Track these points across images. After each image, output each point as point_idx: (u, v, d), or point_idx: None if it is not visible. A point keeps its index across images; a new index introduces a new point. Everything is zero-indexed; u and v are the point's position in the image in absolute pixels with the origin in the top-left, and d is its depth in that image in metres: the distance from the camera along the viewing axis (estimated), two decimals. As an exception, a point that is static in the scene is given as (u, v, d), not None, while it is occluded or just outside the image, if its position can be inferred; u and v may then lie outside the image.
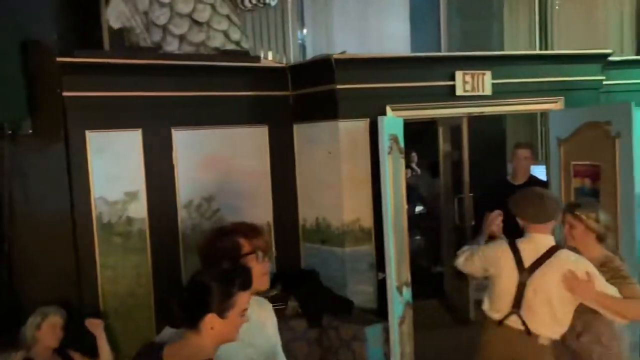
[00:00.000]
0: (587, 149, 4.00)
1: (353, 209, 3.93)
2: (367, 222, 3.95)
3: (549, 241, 2.66)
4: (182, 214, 3.74)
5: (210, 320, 1.52)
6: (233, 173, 3.92)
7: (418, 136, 6.30)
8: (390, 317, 3.44)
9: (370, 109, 3.89)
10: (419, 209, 8.65)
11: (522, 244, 2.68)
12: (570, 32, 6.07)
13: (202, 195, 3.79)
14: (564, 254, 2.60)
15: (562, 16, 6.09)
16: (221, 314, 1.53)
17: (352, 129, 3.92)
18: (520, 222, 2.74)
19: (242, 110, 3.99)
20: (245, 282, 1.57)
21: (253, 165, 4.00)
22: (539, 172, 4.55)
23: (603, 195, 3.88)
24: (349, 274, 3.97)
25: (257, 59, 4.09)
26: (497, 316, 2.70)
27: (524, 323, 2.61)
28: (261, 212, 4.01)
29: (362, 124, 3.93)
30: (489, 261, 2.75)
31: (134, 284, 3.58)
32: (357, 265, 3.98)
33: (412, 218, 8.52)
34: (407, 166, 8.46)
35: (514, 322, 2.64)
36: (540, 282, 2.56)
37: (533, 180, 4.35)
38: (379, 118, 3.55)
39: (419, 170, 8.40)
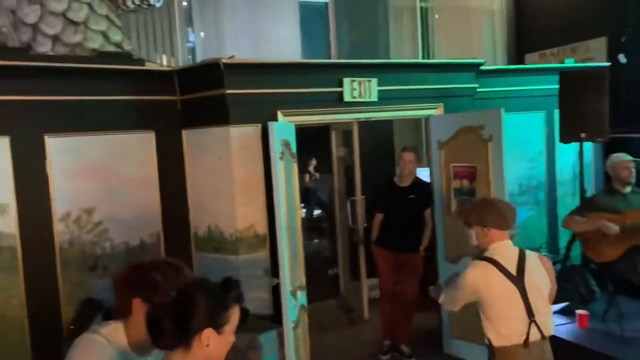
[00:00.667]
0: (464, 152, 4.29)
1: (247, 216, 3.89)
2: (262, 228, 3.93)
3: (511, 244, 2.65)
4: (58, 227, 3.46)
5: (208, 335, 1.40)
6: (117, 182, 3.71)
7: (317, 141, 6.42)
8: (284, 322, 3.44)
9: (262, 114, 3.88)
10: (317, 212, 8.83)
11: (496, 256, 2.59)
12: (449, 43, 6.51)
13: (81, 206, 3.54)
14: (527, 251, 2.68)
15: (442, 28, 6.52)
16: (218, 328, 1.42)
17: (244, 135, 3.88)
18: (481, 233, 2.65)
19: (125, 115, 3.79)
20: (239, 295, 1.48)
21: (139, 173, 3.82)
22: (425, 174, 4.82)
23: (479, 194, 4.19)
24: (244, 282, 3.85)
25: (140, 61, 3.91)
26: (520, 339, 2.51)
27: (539, 330, 2.55)
28: (149, 222, 3.84)
29: (254, 129, 3.90)
30: (477, 287, 2.55)
31: (4, 307, 3.25)
32: (252, 272, 3.94)
33: (312, 221, 8.71)
34: (306, 171, 8.62)
35: (534, 335, 2.53)
36: (531, 283, 2.54)
37: (418, 182, 4.60)
38: (269, 124, 3.55)
39: (317, 175, 8.57)
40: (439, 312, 4.45)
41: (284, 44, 5.36)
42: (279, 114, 4.00)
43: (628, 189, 3.95)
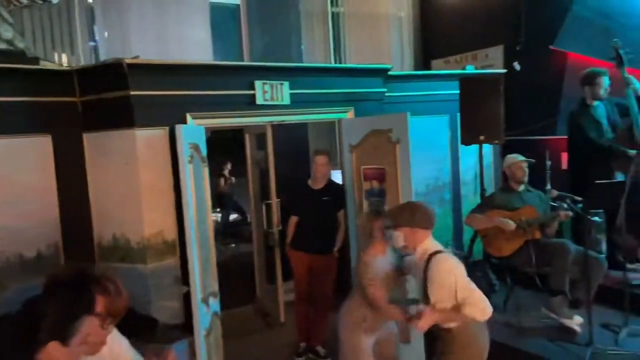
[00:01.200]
0: (374, 154, 4.41)
1: (154, 222, 3.75)
2: (171, 234, 3.81)
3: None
4: (-61, 240, 3.15)
5: (51, 349, 1.29)
6: (9, 189, 3.43)
7: (233, 144, 6.32)
8: (195, 331, 3.35)
9: (170, 117, 3.76)
10: (234, 216, 8.71)
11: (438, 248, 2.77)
12: (360, 48, 6.68)
13: (-35, 217, 3.25)
14: None
15: (353, 33, 6.68)
16: (64, 340, 1.31)
17: (151, 138, 3.74)
18: (409, 233, 2.75)
19: (17, 117, 3.52)
20: (89, 304, 1.37)
21: (34, 180, 3.56)
22: (340, 176, 4.90)
23: (388, 195, 4.32)
24: (152, 291, 3.77)
25: (35, 60, 3.65)
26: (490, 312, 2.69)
27: None
28: (47, 232, 3.59)
29: (162, 133, 3.77)
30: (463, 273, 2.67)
31: None
32: (161, 281, 3.80)
33: (228, 226, 8.58)
34: (222, 175, 8.48)
35: None
36: None
37: (331, 185, 4.66)
38: (177, 127, 3.45)
39: (233, 179, 8.46)
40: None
41: (194, 45, 5.24)
42: (188, 117, 3.90)
43: (522, 187, 4.25)
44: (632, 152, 3.98)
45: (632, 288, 3.79)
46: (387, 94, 4.96)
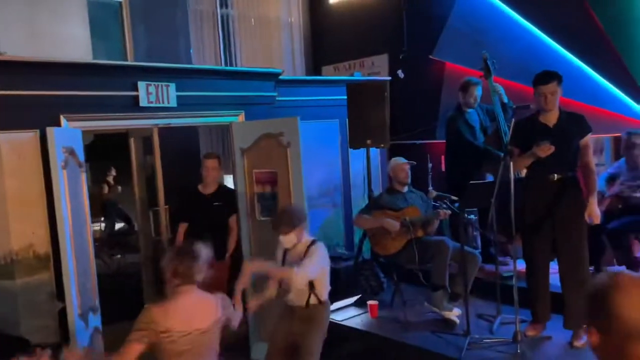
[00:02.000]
0: (265, 158, 4.40)
1: (24, 234, 3.43)
2: (43, 246, 3.50)
3: None
4: None
5: None
6: None
7: (117, 149, 5.95)
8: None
9: (41, 119, 3.47)
10: (119, 225, 8.22)
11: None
12: (252, 52, 6.65)
13: None
14: None
15: (244, 36, 6.63)
16: None
17: (18, 142, 3.42)
18: (299, 231, 3.28)
19: None
20: None
21: None
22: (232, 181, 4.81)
23: (280, 199, 4.33)
24: (22, 309, 3.44)
25: None
26: None
27: None
28: None
29: (31, 136, 3.47)
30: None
31: None
32: (34, 298, 3.48)
33: (113, 236, 8.08)
34: (105, 181, 7.97)
35: None
36: None
37: (222, 189, 4.57)
38: (48, 129, 3.20)
39: (119, 187, 7.97)
40: (245, 317, 4.46)
41: (70, 42, 4.88)
42: (62, 119, 3.62)
43: (406, 189, 4.47)
44: (501, 154, 4.34)
45: (503, 280, 4.12)
46: (278, 98, 4.98)
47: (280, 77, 4.96)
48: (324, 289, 3.34)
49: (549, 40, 5.15)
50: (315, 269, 3.15)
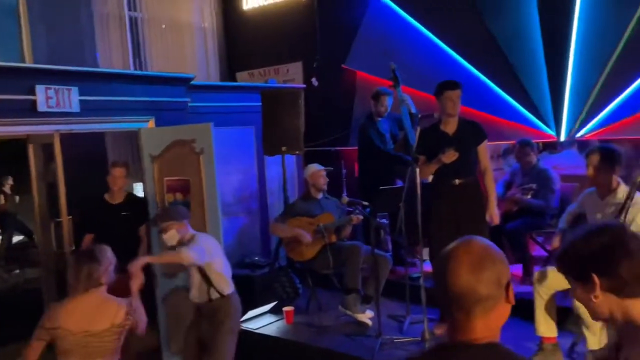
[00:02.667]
0: (177, 165, 4.29)
1: None
2: None
3: None
4: None
5: None
6: None
7: (16, 157, 5.52)
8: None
9: None
10: (18, 238, 7.64)
11: None
12: (163, 57, 6.46)
13: None
14: None
15: (155, 40, 6.43)
16: None
17: None
18: (181, 226, 3.37)
19: None
20: None
21: None
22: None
23: (193, 207, 4.23)
24: None
25: None
26: None
27: None
28: None
29: None
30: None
31: None
32: None
33: (11, 250, 7.49)
34: (1, 191, 7.37)
35: None
36: None
37: (131, 198, 4.40)
38: None
39: (17, 197, 7.41)
40: (158, 330, 4.32)
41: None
42: (-53, 124, 3.31)
43: (321, 195, 4.54)
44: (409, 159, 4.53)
45: (412, 281, 4.30)
46: (190, 104, 4.88)
47: (193, 82, 4.87)
48: (222, 282, 3.37)
49: (451, 51, 5.46)
50: (200, 251, 3.19)
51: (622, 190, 3.17)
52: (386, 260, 4.24)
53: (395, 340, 3.76)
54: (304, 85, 6.02)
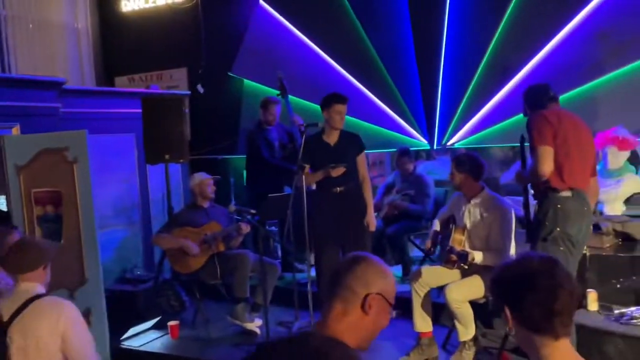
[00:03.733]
0: (47, 176, 3.95)
1: None
2: None
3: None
4: None
5: None
6: None
7: None
8: None
9: None
10: None
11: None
12: (31, 59, 5.95)
13: None
14: None
15: (22, 41, 5.89)
16: None
17: None
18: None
19: None
20: None
21: None
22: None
23: (67, 221, 3.93)
24: None
25: None
26: None
27: None
28: None
29: None
30: None
31: None
32: None
33: None
34: None
35: None
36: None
37: (-9, 213, 3.98)
38: None
39: None
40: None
41: None
42: None
43: (208, 204, 4.45)
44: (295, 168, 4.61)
45: (300, 287, 4.36)
46: (62, 110, 4.54)
47: (65, 86, 4.54)
48: None
49: (333, 62, 5.66)
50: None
51: (486, 193, 3.50)
52: (275, 268, 4.27)
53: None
54: (189, 92, 5.87)
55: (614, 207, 4.24)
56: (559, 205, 2.88)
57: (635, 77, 4.55)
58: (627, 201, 4.49)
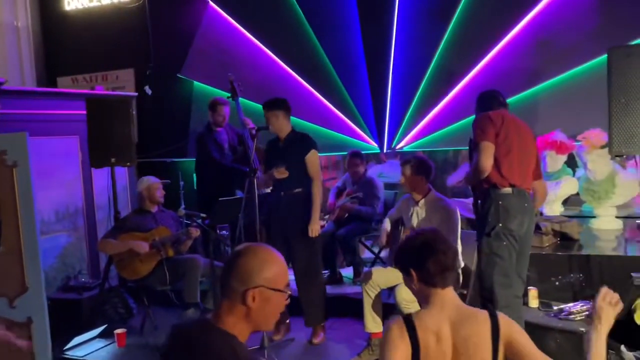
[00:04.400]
0: (-17, 180, 3.77)
1: None
2: None
3: None
4: None
5: None
6: None
7: None
8: None
9: None
10: None
11: None
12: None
13: None
14: None
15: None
16: None
17: None
18: None
19: None
20: None
21: None
22: None
23: (5, 228, 3.75)
24: None
25: None
26: None
27: None
28: None
29: None
30: None
31: None
32: None
33: None
34: None
35: None
36: None
37: None
38: None
39: None
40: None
41: None
42: None
43: (156, 209, 4.35)
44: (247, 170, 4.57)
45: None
46: (1, 112, 4.32)
47: (4, 87, 4.33)
48: None
49: (285, 66, 5.67)
50: None
51: (433, 194, 3.60)
52: (225, 272, 4.21)
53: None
54: (136, 94, 5.73)
55: (553, 208, 4.45)
56: (500, 202, 3.00)
57: (573, 84, 4.80)
58: (565, 202, 4.74)
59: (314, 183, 3.86)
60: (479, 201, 3.18)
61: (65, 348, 3.90)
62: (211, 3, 5.72)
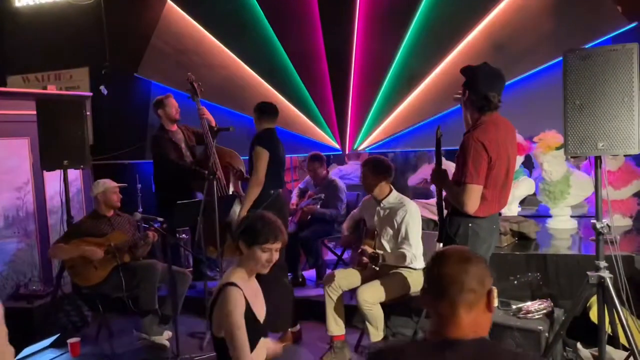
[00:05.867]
0: None
1: None
2: None
3: None
4: None
5: None
6: None
7: None
8: None
9: None
10: None
11: None
12: None
13: None
14: None
15: None
16: None
17: None
18: None
19: None
20: None
21: None
22: None
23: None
24: None
25: None
26: None
27: None
28: None
29: None
30: None
31: None
32: None
33: None
34: None
35: None
36: None
37: None
38: None
39: None
40: None
41: None
42: None
43: (112, 213, 4.20)
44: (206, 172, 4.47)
45: (211, 295, 4.22)
46: (-57, 112, 4.10)
47: None
48: None
49: (247, 68, 5.59)
50: None
51: (394, 195, 3.60)
52: (185, 277, 4.11)
53: (194, 359, 3.65)
54: (91, 94, 5.54)
55: (511, 208, 4.54)
56: (470, 224, 2.80)
57: (528, 86, 4.90)
58: (522, 202, 4.84)
59: (251, 177, 3.94)
60: (447, 217, 2.93)
61: (15, 359, 3.71)
62: (169, 1, 5.59)
